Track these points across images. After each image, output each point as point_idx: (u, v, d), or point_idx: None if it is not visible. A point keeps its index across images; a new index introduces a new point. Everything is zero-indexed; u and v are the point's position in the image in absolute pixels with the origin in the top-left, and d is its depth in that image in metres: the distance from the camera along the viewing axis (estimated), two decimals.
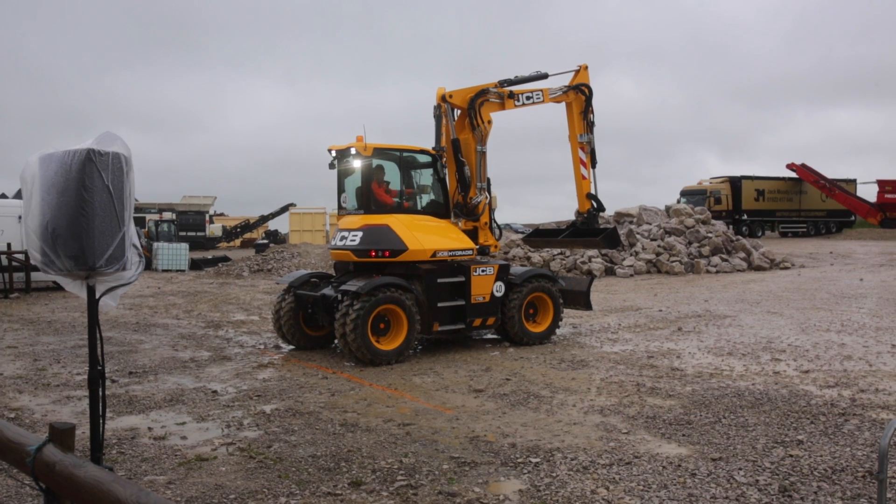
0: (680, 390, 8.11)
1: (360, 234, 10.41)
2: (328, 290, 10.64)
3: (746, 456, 5.87)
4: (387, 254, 10.29)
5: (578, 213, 12.67)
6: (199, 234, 53.64)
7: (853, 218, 50.60)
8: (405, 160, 11.05)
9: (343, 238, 10.64)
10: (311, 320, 11.13)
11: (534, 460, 5.83)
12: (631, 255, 24.73)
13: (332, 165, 11.07)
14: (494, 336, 11.95)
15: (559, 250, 24.62)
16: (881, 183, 47.58)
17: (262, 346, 11.58)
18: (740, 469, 5.56)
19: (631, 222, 27.36)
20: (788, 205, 48.53)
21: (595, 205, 12.42)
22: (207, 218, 58.39)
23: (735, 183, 46.59)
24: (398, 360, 9.97)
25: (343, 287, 10.03)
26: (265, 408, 7.65)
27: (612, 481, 5.34)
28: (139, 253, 3.62)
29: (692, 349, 10.65)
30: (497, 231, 11.91)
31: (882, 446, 3.54)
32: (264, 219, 60.67)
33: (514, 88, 11.70)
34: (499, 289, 11.01)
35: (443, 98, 11.16)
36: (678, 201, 38.59)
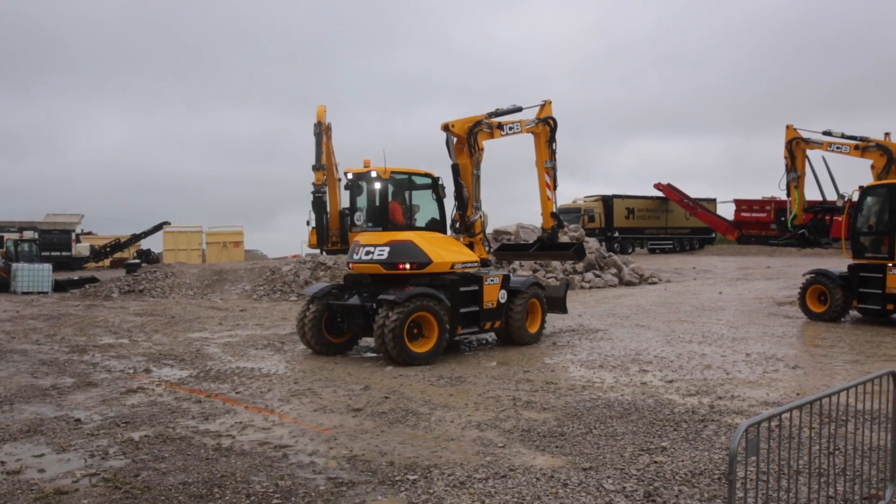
0: (554, 403, 8.37)
1: (387, 248, 11.50)
2: (355, 300, 11.70)
3: (615, 464, 6.12)
4: (414, 266, 11.44)
5: (543, 230, 14.62)
6: (64, 253, 50.73)
7: (714, 235, 53.95)
8: (412, 182, 12.27)
9: (369, 253, 11.65)
10: (333, 327, 12.01)
11: (411, 477, 5.86)
12: (509, 271, 25.29)
13: (347, 186, 12.28)
14: (372, 354, 11.94)
15: None
16: (738, 202, 50.95)
17: (131, 371, 11.06)
18: (609, 477, 5.79)
19: (508, 239, 27.99)
20: (656, 223, 51.21)
21: (558, 222, 14.44)
22: (73, 237, 55.28)
23: (607, 202, 48.74)
24: (429, 361, 10.97)
25: (381, 297, 11.02)
26: (133, 435, 7.31)
27: (488, 495, 5.44)
28: None
29: (566, 363, 11.01)
30: (487, 244, 13.42)
31: (731, 449, 3.79)
32: (136, 238, 57.89)
33: (501, 119, 13.19)
34: (503, 296, 12.42)
35: (445, 127, 12.45)
36: None
